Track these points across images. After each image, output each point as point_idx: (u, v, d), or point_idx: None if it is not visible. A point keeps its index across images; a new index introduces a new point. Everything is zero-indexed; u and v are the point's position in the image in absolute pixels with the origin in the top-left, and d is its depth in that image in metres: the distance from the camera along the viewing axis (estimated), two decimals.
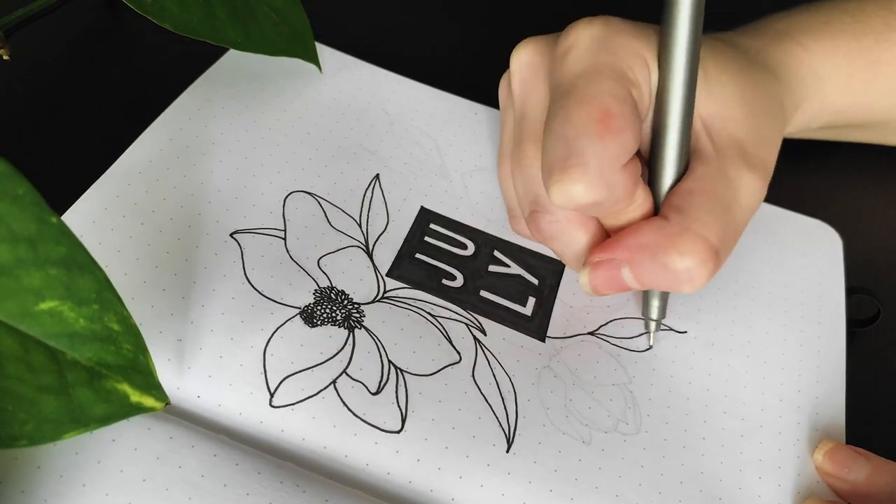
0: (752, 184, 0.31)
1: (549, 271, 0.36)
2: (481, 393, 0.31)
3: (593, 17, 0.31)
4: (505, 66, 0.35)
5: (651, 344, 0.35)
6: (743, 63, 0.34)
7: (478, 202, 0.38)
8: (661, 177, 0.32)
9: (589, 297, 0.35)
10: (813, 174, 0.43)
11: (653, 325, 0.34)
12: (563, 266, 0.36)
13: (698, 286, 0.30)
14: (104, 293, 0.24)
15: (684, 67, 0.30)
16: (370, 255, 0.35)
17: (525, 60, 0.33)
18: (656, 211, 0.32)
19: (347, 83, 0.41)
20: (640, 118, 0.30)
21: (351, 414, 0.30)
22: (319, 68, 0.39)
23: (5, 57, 0.36)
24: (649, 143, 0.32)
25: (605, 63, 0.30)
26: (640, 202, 0.31)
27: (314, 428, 0.29)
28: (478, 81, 0.42)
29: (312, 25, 0.39)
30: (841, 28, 0.38)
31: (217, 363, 0.30)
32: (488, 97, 0.41)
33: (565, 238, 0.33)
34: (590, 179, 0.28)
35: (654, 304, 0.34)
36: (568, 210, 0.31)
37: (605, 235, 0.33)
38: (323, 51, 0.41)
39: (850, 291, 0.38)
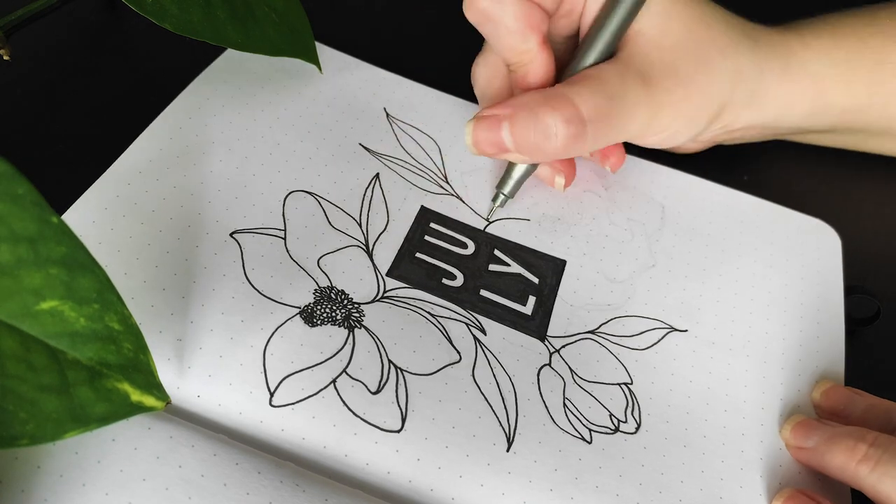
0: (638, 97, 0.34)
1: (550, 270, 0.36)
2: (481, 392, 0.31)
3: None
4: None
5: (489, 218, 0.38)
6: (709, 17, 0.36)
7: (478, 201, 0.38)
8: (577, 60, 0.35)
9: (588, 296, 0.35)
10: (813, 173, 0.43)
11: (500, 199, 0.37)
12: (564, 264, 0.36)
13: (558, 147, 0.33)
14: (105, 293, 0.24)
15: None
16: (370, 255, 0.35)
17: None
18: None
19: (347, 83, 0.41)
20: None
21: (351, 413, 0.30)
22: (319, 68, 0.39)
23: (5, 57, 0.36)
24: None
25: None
26: (538, 61, 0.34)
27: (314, 427, 0.29)
28: None
29: (312, 25, 0.39)
30: (847, 30, 0.39)
31: (217, 363, 0.30)
32: None
33: (481, 81, 0.38)
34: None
35: (511, 179, 0.37)
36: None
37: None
38: (323, 51, 0.41)
39: (850, 291, 0.38)
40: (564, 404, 0.32)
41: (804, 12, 0.40)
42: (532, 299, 0.35)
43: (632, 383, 0.33)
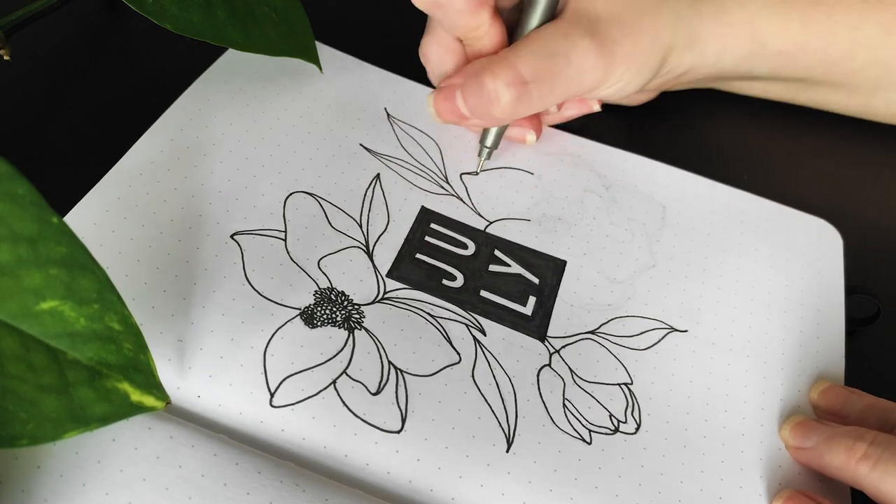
0: (586, 51, 0.35)
1: (550, 270, 0.36)
2: (481, 393, 0.31)
3: None
4: None
5: (478, 170, 0.39)
6: None
7: (478, 202, 0.38)
8: (523, 24, 0.36)
9: (588, 296, 0.35)
10: (814, 173, 0.43)
11: (484, 153, 0.38)
12: (565, 265, 0.36)
13: (504, 109, 0.35)
14: (105, 293, 0.24)
15: None
16: (370, 256, 0.35)
17: None
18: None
19: (348, 83, 0.41)
20: None
21: (351, 414, 0.30)
22: (320, 68, 0.39)
23: (5, 57, 0.36)
24: None
25: None
26: (490, 33, 0.36)
27: (314, 427, 0.29)
28: None
29: (312, 25, 0.39)
30: None
31: (217, 363, 0.30)
32: None
33: (433, 61, 0.38)
34: None
35: (490, 133, 0.38)
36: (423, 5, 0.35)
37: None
38: (323, 50, 0.41)
39: (850, 291, 0.38)
40: (564, 405, 0.32)
41: None
42: (532, 300, 0.35)
43: (632, 383, 0.33)
